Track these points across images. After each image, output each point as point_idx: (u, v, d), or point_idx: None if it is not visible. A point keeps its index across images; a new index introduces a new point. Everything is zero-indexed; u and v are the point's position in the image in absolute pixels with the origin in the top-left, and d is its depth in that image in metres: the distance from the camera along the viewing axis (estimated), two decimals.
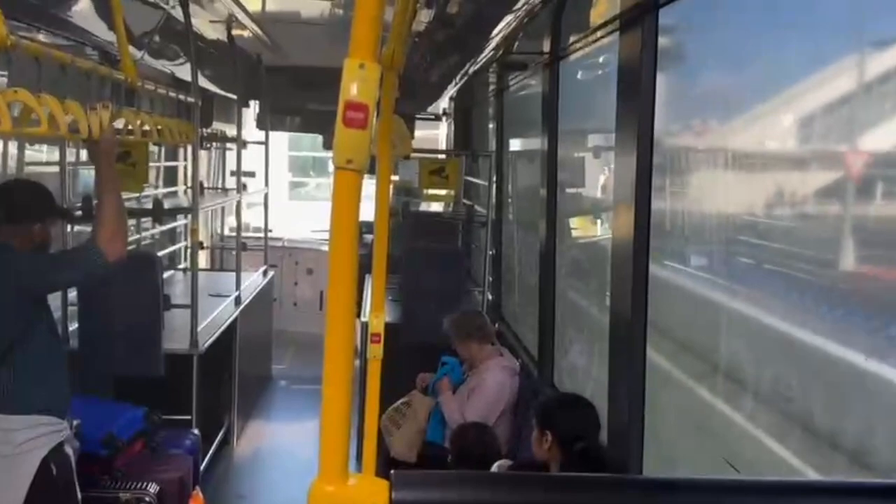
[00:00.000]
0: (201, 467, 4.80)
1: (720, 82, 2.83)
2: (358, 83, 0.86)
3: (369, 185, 1.44)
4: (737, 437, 2.47)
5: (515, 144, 6.22)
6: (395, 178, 6.61)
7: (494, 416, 4.31)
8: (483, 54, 4.64)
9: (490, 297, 6.20)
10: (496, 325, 5.82)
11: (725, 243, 2.74)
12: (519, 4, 3.45)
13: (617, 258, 2.99)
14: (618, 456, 2.88)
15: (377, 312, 2.17)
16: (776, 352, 2.38)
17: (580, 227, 4.70)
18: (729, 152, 2.70)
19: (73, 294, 4.75)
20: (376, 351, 2.17)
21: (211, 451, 5.53)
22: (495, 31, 3.92)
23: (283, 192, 12.42)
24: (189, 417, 4.83)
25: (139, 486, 3.79)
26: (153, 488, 3.80)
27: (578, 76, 4.32)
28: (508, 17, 3.61)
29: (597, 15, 3.45)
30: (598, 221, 4.39)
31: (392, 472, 0.99)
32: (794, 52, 2.33)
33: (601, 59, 3.77)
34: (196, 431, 4.68)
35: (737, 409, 2.52)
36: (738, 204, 2.67)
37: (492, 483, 1.04)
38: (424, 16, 4.17)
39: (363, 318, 4.76)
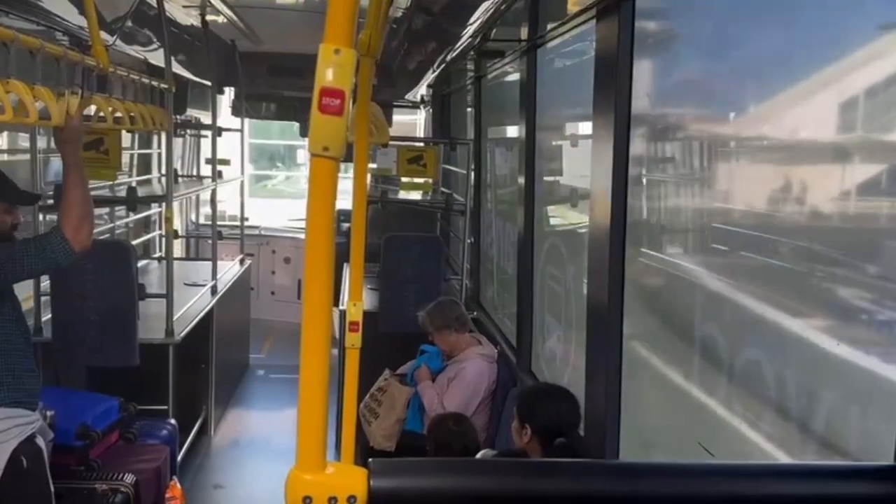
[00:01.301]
0: (178, 457, 4.78)
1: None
2: (333, 69, 0.85)
3: (344, 179, 1.42)
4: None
5: (494, 132, 6.22)
6: (372, 165, 6.57)
7: (474, 404, 4.34)
8: (461, 41, 4.62)
9: (469, 284, 6.21)
10: (474, 313, 5.84)
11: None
12: None
13: (594, 246, 3.01)
14: (595, 441, 2.91)
15: (355, 300, 2.16)
16: None
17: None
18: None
19: (45, 284, 4.68)
20: (354, 339, 2.16)
21: (188, 441, 5.50)
22: (473, 18, 3.90)
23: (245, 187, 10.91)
24: (165, 407, 4.80)
25: (115, 476, 3.77)
26: (130, 479, 3.78)
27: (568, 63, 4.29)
28: (486, 4, 3.60)
29: (574, 2, 3.45)
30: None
31: (370, 459, 0.99)
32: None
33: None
34: (172, 421, 4.66)
35: None
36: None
37: (471, 470, 1.04)
38: (402, 2, 4.15)
39: (341, 307, 4.74)
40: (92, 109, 3.45)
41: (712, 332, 2.44)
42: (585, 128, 3.52)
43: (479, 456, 3.52)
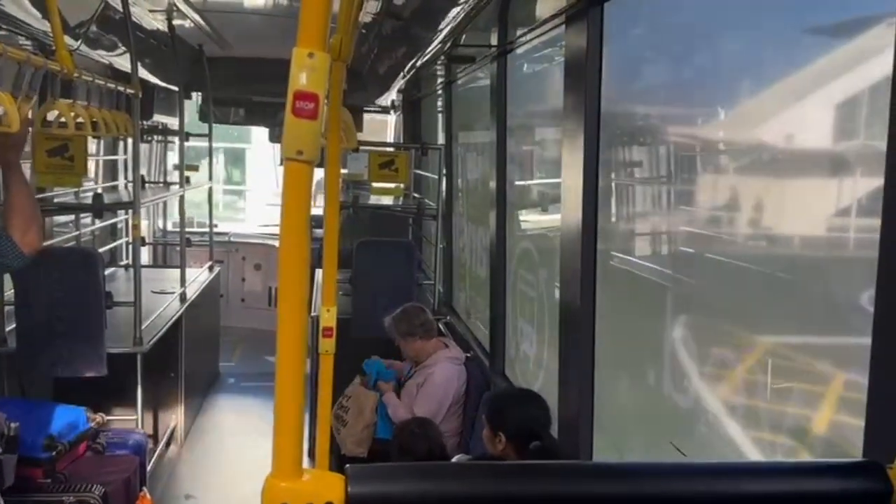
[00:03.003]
0: (148, 467, 4.71)
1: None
2: (307, 73, 0.85)
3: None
4: None
5: (465, 137, 6.24)
6: (343, 171, 6.55)
7: (445, 408, 4.34)
8: (431, 47, 4.63)
9: (441, 289, 6.21)
10: (447, 318, 5.85)
11: None
12: None
13: (565, 249, 3.03)
14: (569, 442, 2.92)
15: (328, 306, 2.15)
16: None
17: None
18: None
19: (9, 293, 4.59)
20: (328, 345, 2.15)
21: (158, 451, 5.42)
22: (443, 24, 3.91)
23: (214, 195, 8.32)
24: (134, 417, 4.73)
25: (84, 488, 3.70)
26: (98, 490, 3.71)
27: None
28: (456, 10, 3.61)
29: (543, 8, 3.48)
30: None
31: (347, 465, 0.99)
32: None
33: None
34: (142, 431, 4.59)
35: None
36: None
37: (448, 474, 1.04)
38: (372, 7, 4.14)
39: (313, 313, 4.71)
40: (53, 115, 3.39)
41: None
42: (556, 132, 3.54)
43: (454, 461, 3.51)
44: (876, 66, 1.56)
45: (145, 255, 8.29)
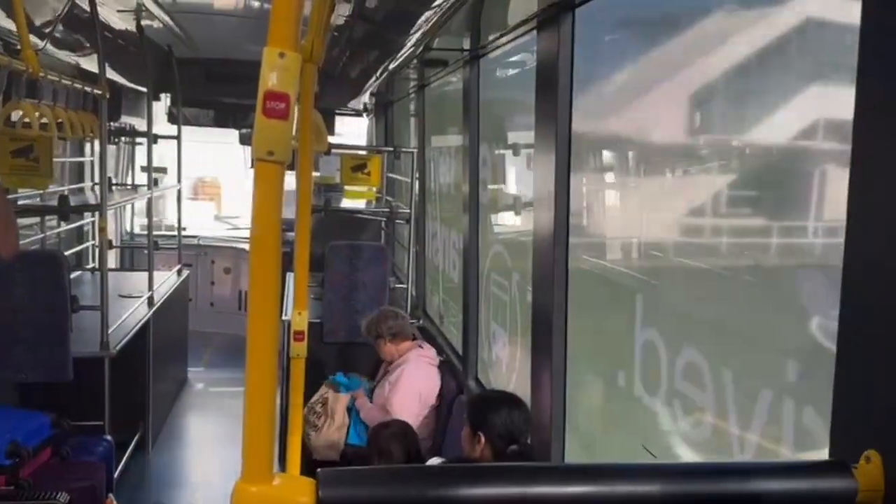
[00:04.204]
0: (115, 474, 4.64)
1: None
2: (278, 72, 0.84)
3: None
4: None
5: (438, 141, 6.24)
6: (315, 174, 6.51)
7: (421, 406, 4.34)
8: (403, 50, 4.63)
9: (414, 293, 6.20)
10: (419, 322, 5.84)
11: None
12: (438, 1, 3.46)
13: (538, 252, 3.04)
14: (542, 445, 2.93)
15: (300, 310, 2.13)
16: None
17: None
18: None
19: None
20: (299, 349, 2.14)
21: (125, 458, 5.34)
22: (415, 28, 3.91)
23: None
24: (101, 423, 4.66)
25: (48, 496, 3.63)
26: (63, 498, 3.64)
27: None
28: (428, 14, 3.61)
29: (515, 13, 3.49)
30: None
31: (319, 469, 0.98)
32: None
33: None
34: (108, 437, 4.52)
35: None
36: None
37: (420, 477, 1.04)
38: (344, 9, 4.13)
39: (284, 317, 4.68)
40: (17, 115, 3.32)
41: None
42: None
43: (427, 464, 3.50)
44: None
45: (112, 258, 8.16)
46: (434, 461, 3.62)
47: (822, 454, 1.40)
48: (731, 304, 2.13)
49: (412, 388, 4.37)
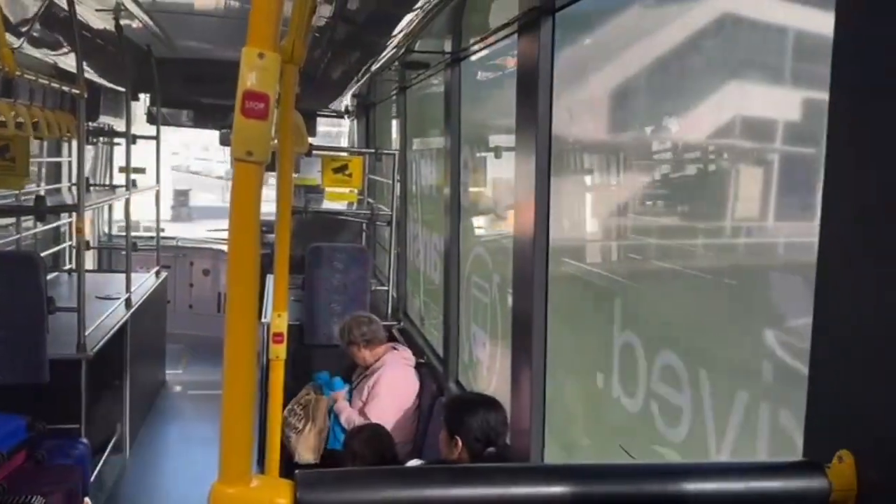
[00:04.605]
0: (91, 478, 4.59)
1: None
2: (257, 73, 0.84)
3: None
4: None
5: (420, 143, 6.24)
6: (295, 175, 6.48)
7: (399, 409, 4.34)
8: (385, 52, 4.62)
9: (395, 295, 6.19)
10: (400, 324, 5.83)
11: None
12: (420, 3, 3.46)
13: (518, 255, 3.05)
14: (521, 446, 2.94)
15: (279, 311, 2.12)
16: None
17: None
18: None
19: None
20: (279, 351, 2.13)
21: (101, 461, 5.28)
22: (397, 30, 3.91)
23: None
24: (77, 426, 4.60)
25: (23, 500, 3.59)
26: (38, 501, 3.60)
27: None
28: (410, 16, 3.61)
29: (496, 17, 3.50)
30: None
31: (297, 471, 0.98)
32: None
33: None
34: (85, 440, 4.47)
35: None
36: None
37: (398, 478, 1.04)
38: (325, 11, 4.12)
39: (264, 320, 4.66)
40: None
41: None
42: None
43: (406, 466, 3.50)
44: None
45: (90, 259, 8.07)
46: (413, 464, 3.62)
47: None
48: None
49: (391, 390, 4.37)
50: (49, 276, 5.39)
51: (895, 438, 1.05)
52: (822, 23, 1.36)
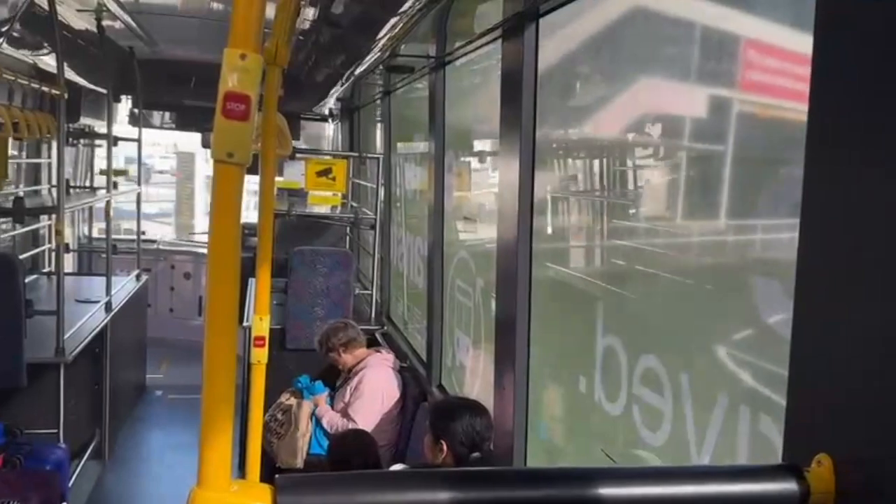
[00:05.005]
0: (70, 483, 4.54)
1: None
2: (238, 74, 0.83)
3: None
4: None
5: (404, 147, 6.23)
6: (279, 178, 6.45)
7: (382, 411, 4.34)
8: (369, 56, 4.62)
9: (378, 299, 6.18)
10: (384, 328, 5.82)
11: None
12: (404, 7, 3.46)
13: (501, 259, 3.05)
14: (504, 450, 2.94)
15: (261, 315, 2.11)
16: None
17: None
18: None
19: None
20: (260, 355, 2.11)
21: (80, 466, 5.22)
22: (381, 34, 3.91)
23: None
24: (55, 431, 4.55)
25: None
26: None
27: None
28: (394, 20, 3.61)
29: (481, 21, 3.51)
30: None
31: (277, 476, 0.97)
32: None
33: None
34: (63, 445, 4.42)
35: None
36: None
37: (379, 482, 1.03)
38: (309, 14, 4.11)
39: (245, 323, 4.63)
40: None
41: None
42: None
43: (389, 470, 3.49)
44: None
45: (69, 262, 7.98)
46: (397, 468, 3.61)
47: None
48: None
49: (374, 390, 4.39)
50: (28, 279, 5.34)
51: (872, 442, 1.06)
52: None
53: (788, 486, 1.10)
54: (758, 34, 1.79)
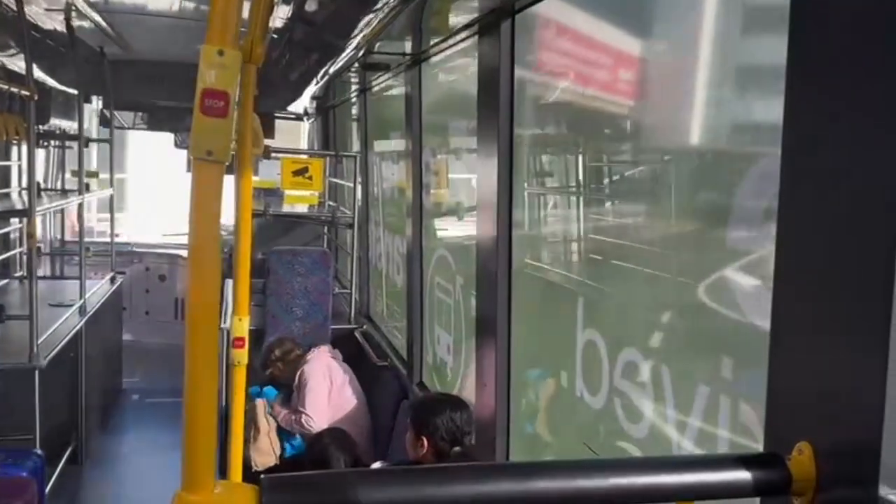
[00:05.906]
0: (46, 490, 4.47)
1: None
2: (216, 70, 0.82)
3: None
4: None
5: (381, 145, 6.21)
6: (255, 178, 6.39)
7: (334, 387, 4.49)
8: (344, 54, 4.59)
9: (357, 298, 6.16)
10: (363, 327, 5.80)
11: None
12: (379, 4, 3.45)
13: (481, 256, 3.06)
14: (486, 446, 2.94)
15: (241, 315, 2.09)
16: None
17: None
18: None
19: None
20: (240, 356, 2.10)
21: (56, 473, 5.15)
22: (356, 31, 3.89)
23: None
24: (31, 437, 4.48)
25: None
26: None
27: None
28: (369, 17, 3.59)
29: (457, 18, 3.51)
30: None
31: (262, 476, 0.96)
32: None
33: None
34: (39, 452, 4.36)
35: None
36: None
37: (364, 480, 1.03)
38: (283, 12, 4.08)
39: (223, 325, 4.60)
40: None
41: None
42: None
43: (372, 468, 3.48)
44: None
45: (42, 266, 7.87)
46: (377, 465, 3.61)
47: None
48: None
49: (315, 375, 4.50)
50: None
51: (851, 430, 1.08)
52: None
53: (770, 474, 1.11)
54: None
